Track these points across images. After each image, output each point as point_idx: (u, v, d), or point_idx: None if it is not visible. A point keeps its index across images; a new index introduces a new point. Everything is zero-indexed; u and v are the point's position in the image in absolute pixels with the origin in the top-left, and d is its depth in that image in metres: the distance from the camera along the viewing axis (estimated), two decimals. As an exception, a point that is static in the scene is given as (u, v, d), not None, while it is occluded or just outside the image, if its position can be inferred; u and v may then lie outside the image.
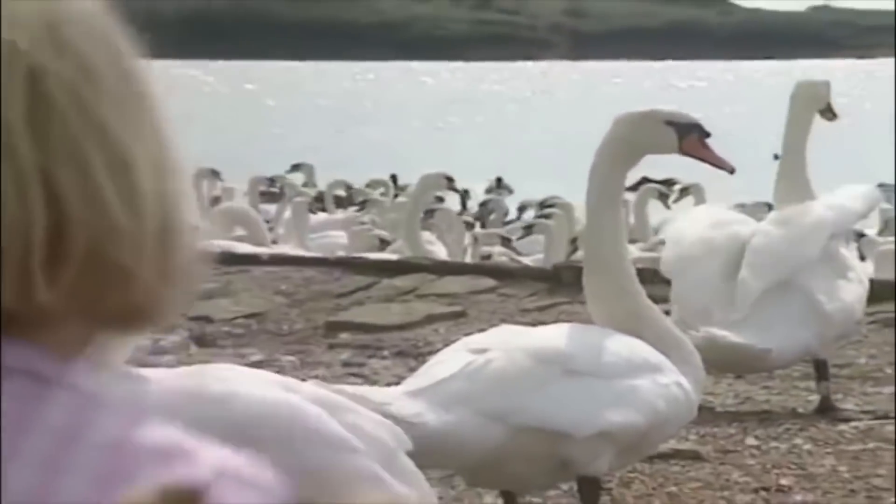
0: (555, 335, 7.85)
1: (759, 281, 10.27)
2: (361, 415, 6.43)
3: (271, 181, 26.85)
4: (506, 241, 19.80)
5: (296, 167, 28.34)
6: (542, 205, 22.30)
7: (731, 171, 8.66)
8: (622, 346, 7.85)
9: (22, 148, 1.68)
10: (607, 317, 8.08)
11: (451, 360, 7.59)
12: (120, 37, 1.88)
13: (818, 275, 10.45)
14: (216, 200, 23.78)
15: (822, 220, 10.62)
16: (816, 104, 11.78)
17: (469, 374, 7.40)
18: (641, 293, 8.24)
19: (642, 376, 7.71)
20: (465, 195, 23.56)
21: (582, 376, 7.55)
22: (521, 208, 26.49)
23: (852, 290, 10.51)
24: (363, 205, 23.62)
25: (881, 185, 18.93)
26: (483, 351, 7.54)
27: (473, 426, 7.30)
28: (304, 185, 26.33)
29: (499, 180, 30.48)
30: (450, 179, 19.71)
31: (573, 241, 19.59)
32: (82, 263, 1.75)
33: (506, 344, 7.63)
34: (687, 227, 11.19)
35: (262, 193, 26.02)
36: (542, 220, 20.49)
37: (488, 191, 28.59)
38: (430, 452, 7.24)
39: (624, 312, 8.01)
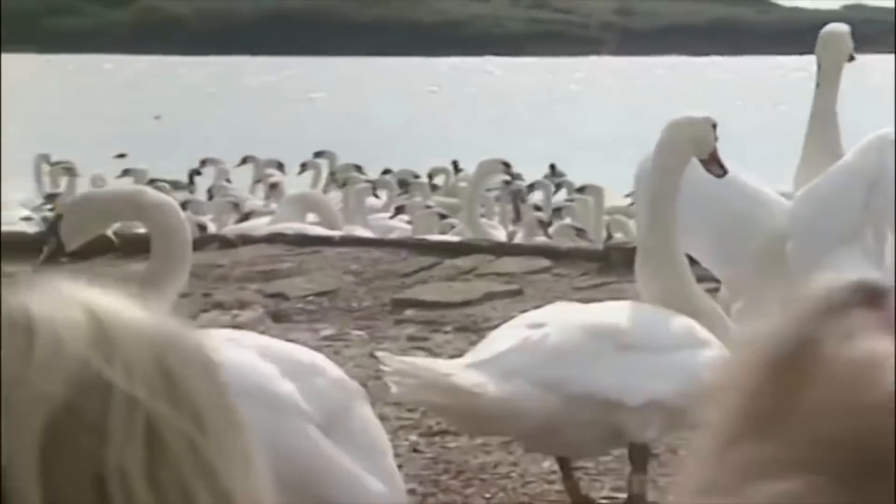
0: (607, 312, 7.90)
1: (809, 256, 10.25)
2: (325, 375, 6.66)
3: (303, 166, 26.55)
4: (545, 225, 19.74)
5: (318, 154, 28.15)
6: (580, 190, 22.24)
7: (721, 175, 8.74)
8: (670, 322, 7.91)
9: (139, 493, 1.61)
10: (661, 301, 8.12)
11: (510, 334, 7.63)
12: (218, 368, 1.78)
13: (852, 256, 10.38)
14: (273, 187, 23.69)
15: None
16: (844, 53, 11.34)
17: (527, 347, 7.44)
18: (693, 281, 8.33)
19: (689, 350, 7.75)
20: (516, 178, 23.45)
21: (633, 349, 7.62)
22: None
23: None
24: (407, 188, 23.55)
25: None
26: (540, 326, 7.59)
27: (531, 396, 7.34)
28: (332, 173, 26.14)
29: (552, 167, 30.32)
30: (506, 165, 19.71)
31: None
32: None
33: (561, 320, 7.67)
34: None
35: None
36: (569, 204, 20.50)
37: (545, 177, 28.43)
38: (490, 420, 7.42)
39: (678, 298, 8.04)
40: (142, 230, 19.16)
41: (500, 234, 18.80)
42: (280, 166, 26.49)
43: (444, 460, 8.49)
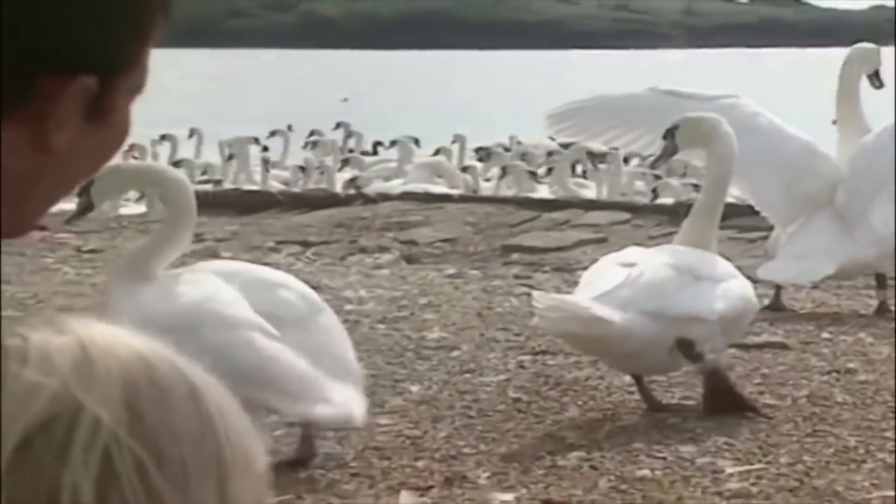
0: (681, 253, 7.97)
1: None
2: (291, 289, 6.94)
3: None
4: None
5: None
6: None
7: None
8: (716, 259, 8.08)
9: None
10: (693, 244, 8.21)
11: (610, 272, 7.74)
12: (200, 402, 1.55)
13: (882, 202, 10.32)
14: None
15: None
16: (868, 65, 11.18)
17: (631, 283, 7.56)
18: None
19: (734, 279, 7.92)
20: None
21: (702, 280, 7.76)
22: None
23: None
24: (488, 156, 23.58)
25: None
26: (632, 264, 7.72)
27: (641, 322, 7.48)
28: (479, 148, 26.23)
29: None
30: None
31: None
32: None
33: (648, 260, 7.79)
34: None
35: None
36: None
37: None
38: (607, 342, 7.53)
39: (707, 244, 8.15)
40: (297, 191, 19.26)
41: (590, 193, 18.64)
42: (416, 141, 26.44)
43: (544, 375, 8.41)
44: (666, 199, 16.93)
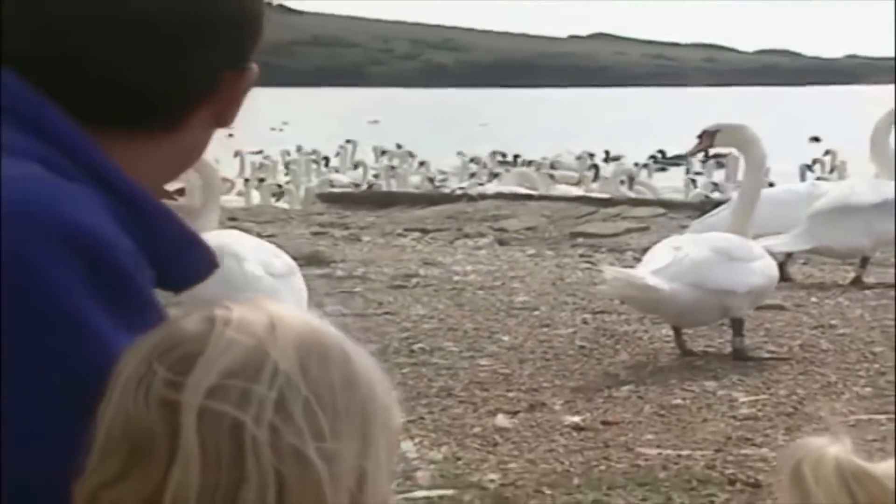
0: (717, 239, 7.88)
1: None
2: (277, 255, 6.48)
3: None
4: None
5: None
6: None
7: None
8: (749, 243, 7.92)
9: (262, 440, 1.44)
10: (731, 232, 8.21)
11: (663, 253, 7.65)
12: (350, 365, 1.52)
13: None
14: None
15: None
16: None
17: (678, 261, 7.47)
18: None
19: (762, 259, 7.78)
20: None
21: (736, 260, 7.63)
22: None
23: None
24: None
25: None
26: (679, 248, 7.62)
27: (685, 290, 7.38)
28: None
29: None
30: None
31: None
32: None
33: (693, 245, 7.69)
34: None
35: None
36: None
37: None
38: (659, 304, 7.48)
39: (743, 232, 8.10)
40: (415, 190, 19.27)
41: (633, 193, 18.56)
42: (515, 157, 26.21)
43: (602, 328, 8.37)
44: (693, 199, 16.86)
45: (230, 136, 1.97)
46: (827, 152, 23.79)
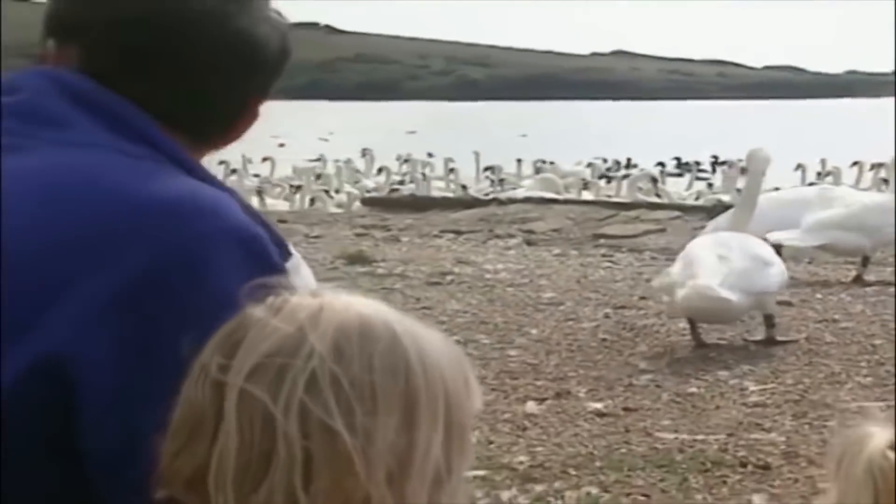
0: (751, 244, 7.82)
1: None
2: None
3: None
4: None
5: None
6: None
7: None
8: (768, 248, 7.94)
9: (293, 414, 1.44)
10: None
11: (708, 259, 7.53)
12: (398, 351, 1.49)
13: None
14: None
15: None
16: None
17: (730, 270, 7.39)
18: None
19: (779, 261, 7.82)
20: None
21: (768, 265, 7.63)
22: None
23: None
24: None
25: None
26: (725, 257, 7.53)
27: (737, 295, 7.31)
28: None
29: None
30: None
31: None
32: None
33: (731, 248, 7.62)
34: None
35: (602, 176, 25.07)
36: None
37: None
38: (711, 311, 7.41)
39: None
40: (450, 195, 19.23)
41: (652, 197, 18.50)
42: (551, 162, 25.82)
43: (622, 322, 8.36)
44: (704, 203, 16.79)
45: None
46: (821, 160, 23.57)
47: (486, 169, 24.80)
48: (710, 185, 20.79)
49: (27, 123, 1.70)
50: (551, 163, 25.00)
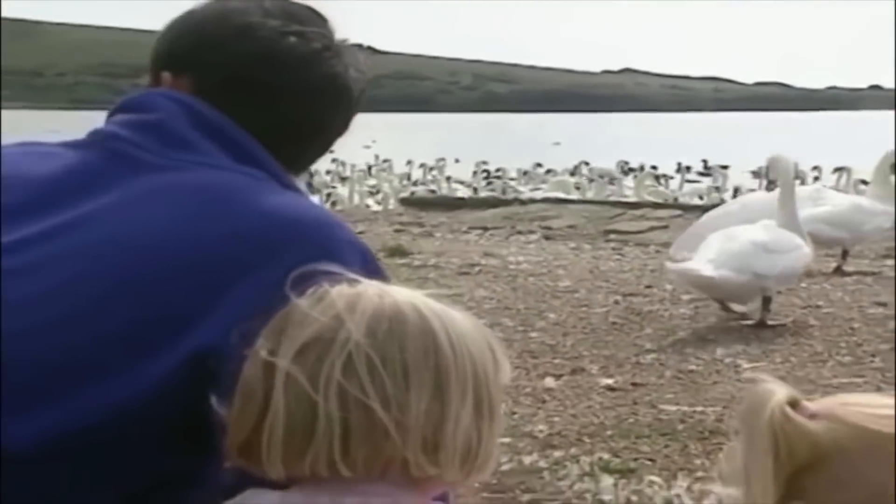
0: (755, 231, 7.76)
1: None
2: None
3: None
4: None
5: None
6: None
7: None
8: (783, 233, 7.85)
9: (333, 389, 1.45)
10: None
11: (712, 242, 7.60)
12: (430, 334, 1.49)
13: None
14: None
15: None
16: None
17: (723, 251, 7.44)
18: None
19: (795, 251, 7.73)
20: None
21: (772, 252, 7.56)
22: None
23: None
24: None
25: None
26: (732, 238, 7.57)
27: (733, 277, 7.35)
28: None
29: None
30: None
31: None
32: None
33: (734, 238, 7.60)
34: None
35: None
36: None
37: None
38: (709, 288, 7.49)
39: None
40: (478, 195, 19.15)
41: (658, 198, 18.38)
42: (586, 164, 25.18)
43: (630, 308, 8.33)
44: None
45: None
46: (795, 164, 23.21)
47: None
48: (716, 189, 20.57)
49: (161, 143, 1.73)
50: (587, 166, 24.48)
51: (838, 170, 21.62)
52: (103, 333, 1.54)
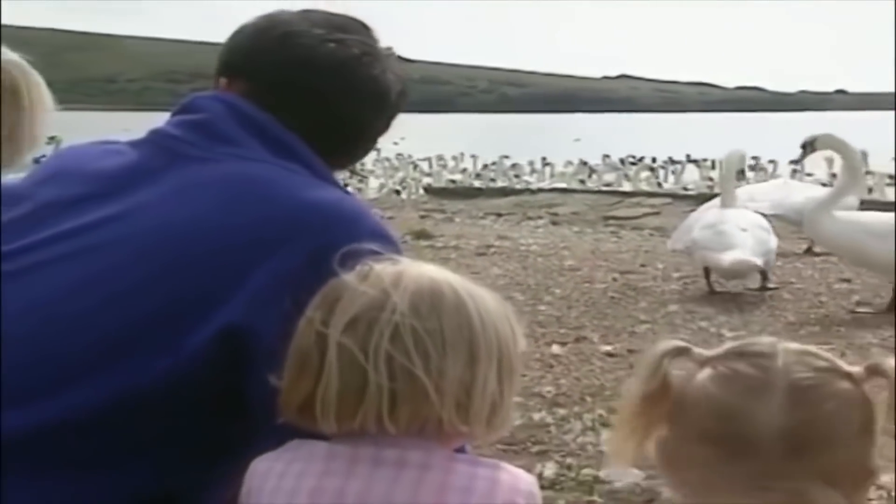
0: (753, 218, 7.78)
1: None
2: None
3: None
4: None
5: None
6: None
7: None
8: (760, 219, 7.85)
9: (381, 361, 1.44)
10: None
11: (737, 236, 7.50)
12: (462, 307, 1.48)
13: None
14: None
15: None
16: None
17: (758, 240, 7.47)
18: None
19: (770, 234, 7.72)
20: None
21: (769, 231, 7.68)
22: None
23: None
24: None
25: None
26: (745, 229, 7.53)
27: (760, 260, 7.40)
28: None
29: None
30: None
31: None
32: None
33: (750, 225, 7.60)
34: None
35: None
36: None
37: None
38: (727, 272, 7.47)
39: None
40: (494, 185, 19.06)
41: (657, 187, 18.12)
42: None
43: (627, 284, 8.29)
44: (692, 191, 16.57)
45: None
46: (754, 157, 22.58)
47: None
48: (711, 178, 20.21)
49: (207, 139, 1.72)
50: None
51: (793, 162, 21.11)
52: (150, 311, 1.55)
